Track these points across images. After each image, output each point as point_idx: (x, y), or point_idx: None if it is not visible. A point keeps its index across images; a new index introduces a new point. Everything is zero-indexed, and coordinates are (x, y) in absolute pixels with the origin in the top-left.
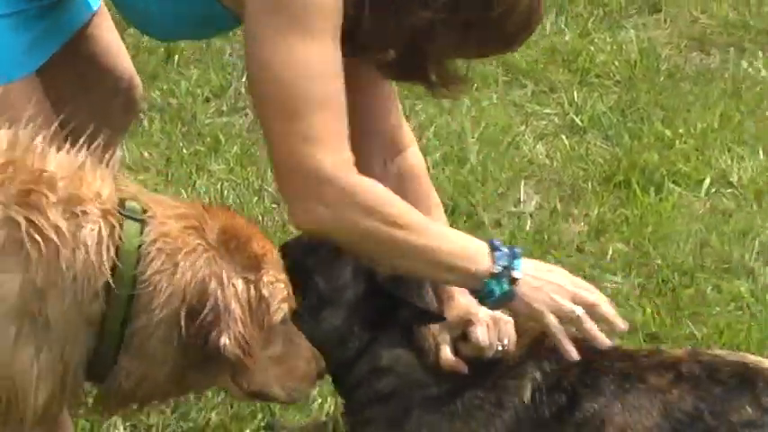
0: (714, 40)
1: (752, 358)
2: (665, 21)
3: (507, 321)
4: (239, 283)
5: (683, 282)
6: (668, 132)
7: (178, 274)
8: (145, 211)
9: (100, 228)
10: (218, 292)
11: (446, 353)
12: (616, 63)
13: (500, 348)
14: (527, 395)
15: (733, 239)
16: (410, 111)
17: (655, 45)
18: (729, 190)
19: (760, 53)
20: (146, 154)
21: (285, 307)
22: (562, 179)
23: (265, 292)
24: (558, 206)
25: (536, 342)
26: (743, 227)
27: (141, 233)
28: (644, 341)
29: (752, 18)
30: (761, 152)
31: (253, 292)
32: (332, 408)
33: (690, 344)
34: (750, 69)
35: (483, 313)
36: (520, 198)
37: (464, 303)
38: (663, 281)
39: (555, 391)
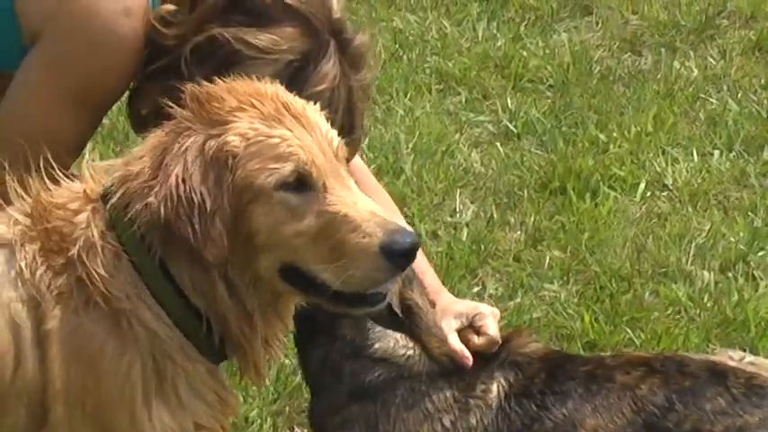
0: (646, 41)
1: (716, 358)
2: (597, 23)
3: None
4: (189, 140)
5: (621, 288)
6: (602, 136)
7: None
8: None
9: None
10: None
11: (456, 341)
12: (549, 67)
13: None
14: (493, 398)
15: (669, 243)
16: None
17: (587, 48)
18: (665, 193)
19: (692, 53)
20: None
21: (283, 167)
22: (498, 187)
23: (229, 146)
24: (495, 215)
25: (501, 347)
26: (679, 230)
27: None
28: (583, 349)
29: (683, 18)
30: (695, 154)
31: (210, 145)
32: (272, 430)
33: (629, 350)
34: (682, 69)
35: (485, 307)
36: (456, 208)
37: (453, 297)
38: (600, 287)
39: (524, 399)
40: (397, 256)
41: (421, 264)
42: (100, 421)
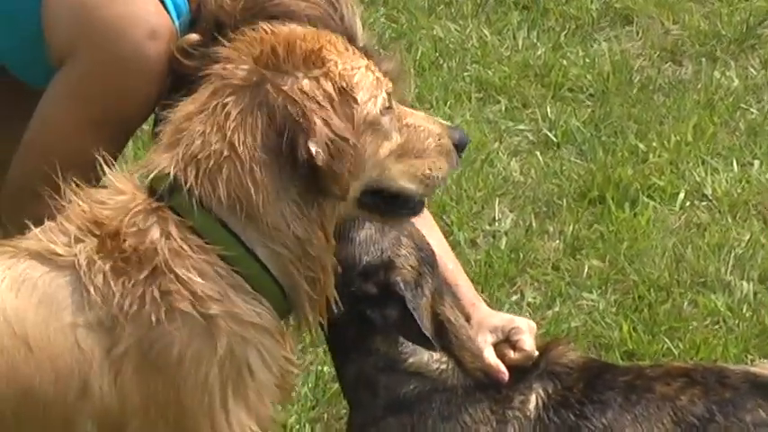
0: (686, 51)
1: (756, 369)
2: (637, 33)
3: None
4: (305, 84)
5: (660, 297)
6: (642, 146)
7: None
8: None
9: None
10: (288, 104)
11: (492, 355)
12: (589, 76)
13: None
14: (531, 410)
15: (708, 253)
16: None
17: (627, 57)
18: (704, 203)
19: (732, 63)
20: None
21: (380, 93)
22: (537, 196)
23: (341, 81)
24: (534, 223)
25: (540, 357)
26: (718, 240)
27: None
28: (621, 358)
29: (723, 27)
30: (735, 164)
31: (326, 85)
32: None
33: (667, 360)
34: (723, 79)
35: (521, 321)
36: (495, 216)
37: (490, 310)
38: (639, 297)
39: (563, 409)
40: (462, 147)
41: (457, 274)
42: (181, 429)
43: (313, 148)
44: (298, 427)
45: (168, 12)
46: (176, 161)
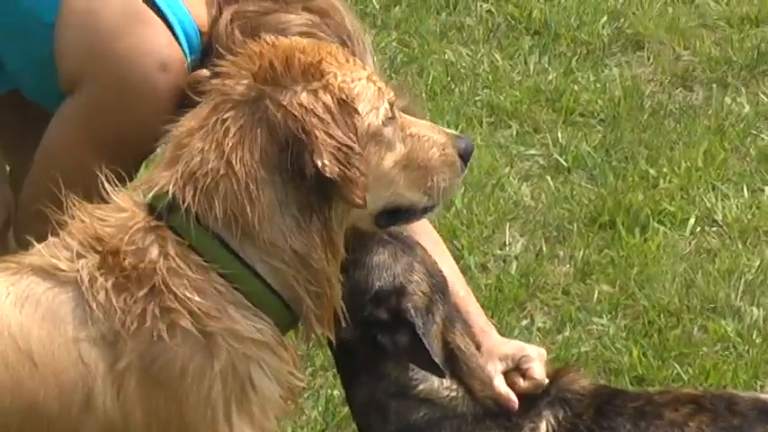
0: (697, 77)
1: (765, 396)
2: (648, 58)
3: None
4: (303, 97)
5: (670, 323)
6: (652, 171)
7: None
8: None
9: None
10: (288, 120)
11: (502, 384)
12: (600, 102)
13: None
14: None
15: (719, 279)
16: None
17: (638, 83)
18: (714, 228)
19: (743, 89)
20: None
21: (382, 103)
22: (547, 221)
23: (340, 93)
24: (544, 248)
25: (550, 384)
26: (728, 266)
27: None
28: (630, 383)
29: (735, 53)
30: (745, 190)
31: (325, 98)
32: None
33: (677, 386)
34: (734, 105)
35: (532, 349)
36: (505, 241)
37: (500, 338)
38: (649, 322)
39: None
40: (467, 156)
41: (468, 302)
42: None
43: (319, 162)
44: None
45: (180, 44)
46: (175, 179)
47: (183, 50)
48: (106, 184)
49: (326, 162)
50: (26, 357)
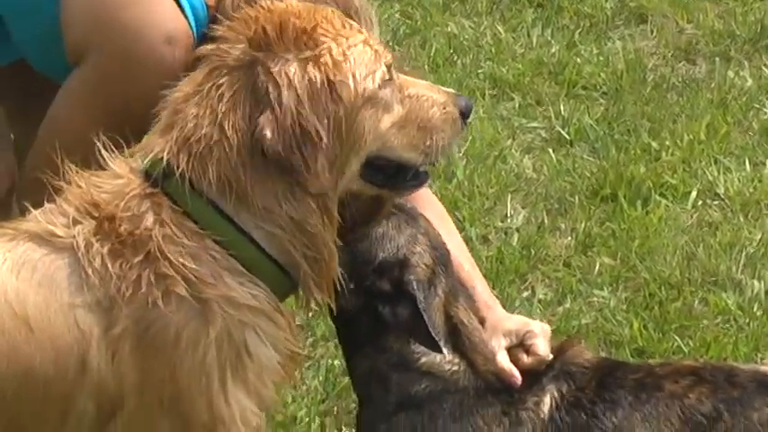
0: (700, 50)
1: (765, 368)
2: (652, 31)
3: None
4: (292, 68)
5: (670, 295)
6: (655, 144)
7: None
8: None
9: None
10: (271, 88)
11: (505, 359)
12: (602, 75)
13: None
14: (545, 411)
15: (720, 252)
16: None
17: (641, 56)
18: (716, 202)
19: (746, 62)
20: None
21: (378, 66)
22: (549, 193)
23: (329, 72)
24: (546, 220)
25: (554, 359)
26: (730, 239)
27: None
28: (631, 356)
29: (738, 27)
30: (747, 163)
31: (312, 73)
32: (320, 429)
33: (677, 358)
34: (736, 79)
35: (535, 324)
36: (507, 213)
37: (505, 312)
38: (650, 295)
39: (574, 409)
40: (467, 114)
41: (473, 276)
42: (177, 410)
43: (267, 133)
44: (307, 419)
45: (186, 17)
46: (170, 146)
47: (190, 24)
48: (103, 152)
49: (272, 137)
50: (22, 322)
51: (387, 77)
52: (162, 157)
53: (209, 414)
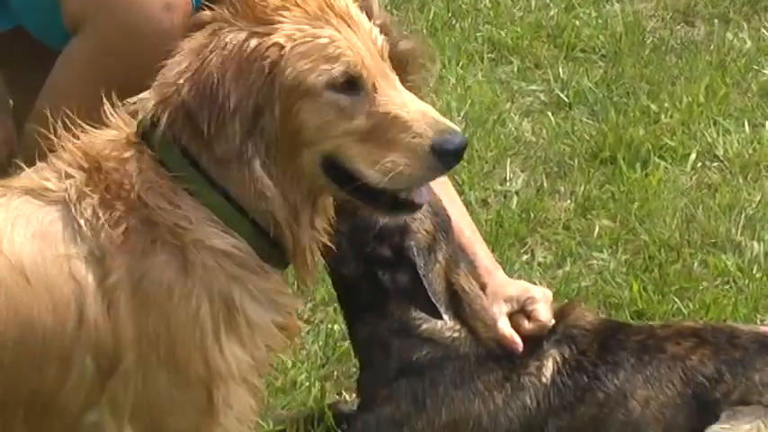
0: (699, 12)
1: (766, 329)
2: None
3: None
4: (236, 38)
5: (670, 257)
6: (654, 107)
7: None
8: None
9: None
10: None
11: (506, 325)
12: (601, 37)
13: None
14: (548, 375)
15: (719, 214)
16: None
17: (640, 18)
18: (715, 164)
19: (745, 24)
20: None
21: (331, 67)
22: (548, 156)
23: (271, 47)
24: (545, 184)
25: (556, 324)
26: (729, 201)
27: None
28: (631, 318)
29: None
30: (746, 125)
31: (251, 44)
32: (320, 393)
33: (677, 320)
34: (735, 41)
35: (537, 290)
36: (506, 176)
37: (506, 278)
38: (649, 257)
39: (576, 372)
40: (447, 154)
41: (474, 242)
42: (174, 364)
43: (185, 88)
44: (307, 384)
45: None
46: (157, 101)
47: None
48: (107, 107)
49: (185, 90)
50: (19, 274)
51: (340, 81)
52: (151, 110)
53: (206, 368)
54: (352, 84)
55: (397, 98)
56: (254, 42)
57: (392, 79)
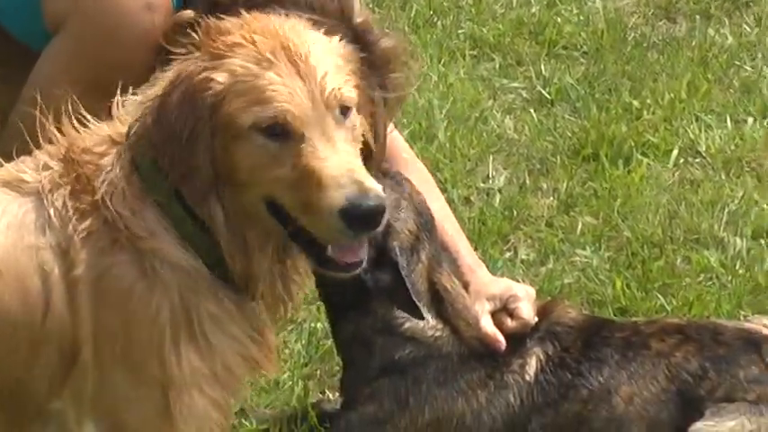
0: (681, 9)
1: (750, 325)
2: None
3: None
4: (189, 67)
5: (653, 254)
6: (636, 103)
7: None
8: None
9: None
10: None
11: (489, 324)
12: (583, 34)
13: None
14: (531, 373)
15: (702, 210)
16: None
17: (621, 14)
18: (698, 160)
19: (726, 20)
20: None
21: (263, 111)
22: (531, 153)
23: (210, 81)
24: (528, 181)
25: (539, 321)
26: (711, 197)
27: None
28: (614, 315)
29: None
30: (728, 121)
31: (198, 77)
32: (303, 392)
33: (660, 317)
34: (717, 37)
35: (520, 288)
36: (489, 174)
37: (489, 276)
38: (632, 254)
39: (560, 370)
40: (355, 220)
41: (457, 240)
42: (129, 364)
43: (149, 120)
44: (290, 383)
45: None
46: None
47: None
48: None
49: (148, 122)
50: None
51: (266, 126)
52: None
53: (161, 370)
54: (283, 130)
55: (324, 152)
56: (202, 76)
57: (331, 130)
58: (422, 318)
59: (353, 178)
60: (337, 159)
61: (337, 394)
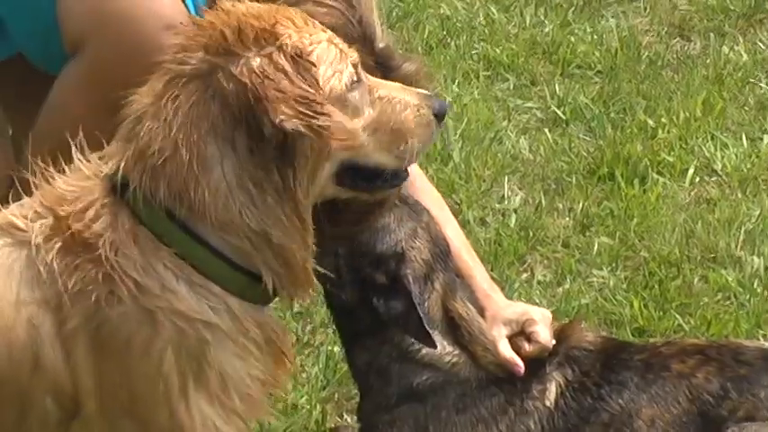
0: (695, 26)
1: None
2: (645, 8)
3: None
4: (255, 63)
5: (670, 273)
6: (651, 122)
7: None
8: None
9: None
10: (239, 89)
11: (506, 349)
12: (597, 53)
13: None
14: (551, 399)
15: (719, 229)
16: None
17: (635, 33)
18: (714, 178)
19: (741, 38)
20: None
21: (345, 67)
22: (546, 173)
23: (293, 51)
24: (543, 201)
25: (557, 345)
26: (728, 215)
27: None
28: (632, 335)
29: (732, 2)
30: (744, 139)
31: (278, 59)
32: (321, 416)
33: (678, 336)
34: (731, 54)
35: (537, 312)
36: (504, 194)
37: (505, 301)
38: (649, 273)
39: (580, 394)
40: (443, 116)
41: (472, 266)
42: (137, 415)
43: (277, 119)
44: (308, 407)
45: (185, 3)
46: (127, 157)
47: (188, 9)
48: (77, 153)
49: (283, 117)
50: None
51: (355, 78)
52: (118, 168)
53: (171, 422)
54: (355, 78)
55: (379, 81)
56: (277, 57)
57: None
58: (434, 346)
59: (411, 89)
60: (389, 83)
61: (355, 418)
